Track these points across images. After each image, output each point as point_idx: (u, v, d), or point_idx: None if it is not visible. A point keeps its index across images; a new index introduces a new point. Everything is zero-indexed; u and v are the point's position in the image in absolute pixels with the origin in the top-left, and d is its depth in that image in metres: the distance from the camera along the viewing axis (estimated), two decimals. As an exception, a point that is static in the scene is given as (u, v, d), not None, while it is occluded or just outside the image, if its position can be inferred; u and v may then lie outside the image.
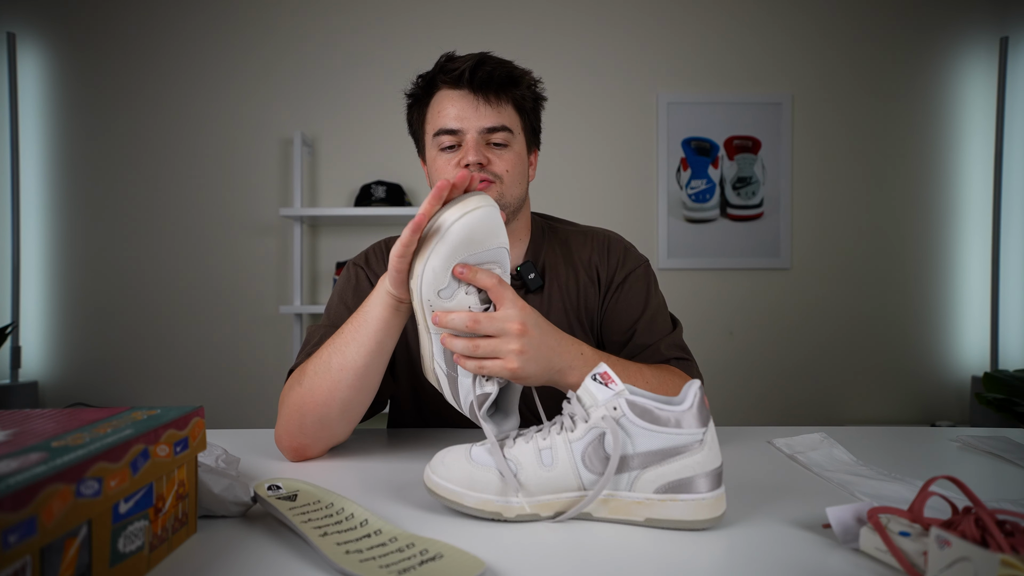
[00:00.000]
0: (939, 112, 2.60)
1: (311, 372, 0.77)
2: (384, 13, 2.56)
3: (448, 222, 0.62)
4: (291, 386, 0.79)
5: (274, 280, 2.56)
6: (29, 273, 2.50)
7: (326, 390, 0.75)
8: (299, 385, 0.77)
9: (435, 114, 0.90)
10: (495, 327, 0.65)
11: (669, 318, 0.97)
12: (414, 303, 0.67)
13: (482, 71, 0.87)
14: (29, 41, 2.52)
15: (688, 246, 2.59)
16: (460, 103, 0.88)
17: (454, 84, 0.88)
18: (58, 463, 0.39)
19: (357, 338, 0.74)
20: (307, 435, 0.76)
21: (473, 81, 0.87)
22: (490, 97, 0.88)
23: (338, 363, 0.75)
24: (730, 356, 2.55)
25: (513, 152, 0.90)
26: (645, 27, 2.59)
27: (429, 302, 0.65)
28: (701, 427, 0.55)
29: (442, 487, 0.58)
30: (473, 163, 0.86)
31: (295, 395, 0.77)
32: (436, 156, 0.90)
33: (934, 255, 2.60)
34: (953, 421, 2.56)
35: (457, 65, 0.88)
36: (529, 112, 0.94)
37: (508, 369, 0.66)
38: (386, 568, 0.46)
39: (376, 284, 0.76)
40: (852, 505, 0.51)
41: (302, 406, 0.76)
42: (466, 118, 0.87)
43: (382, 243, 1.03)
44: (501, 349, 0.65)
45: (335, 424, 0.77)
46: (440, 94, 0.90)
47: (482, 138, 0.88)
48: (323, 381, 0.75)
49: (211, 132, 2.55)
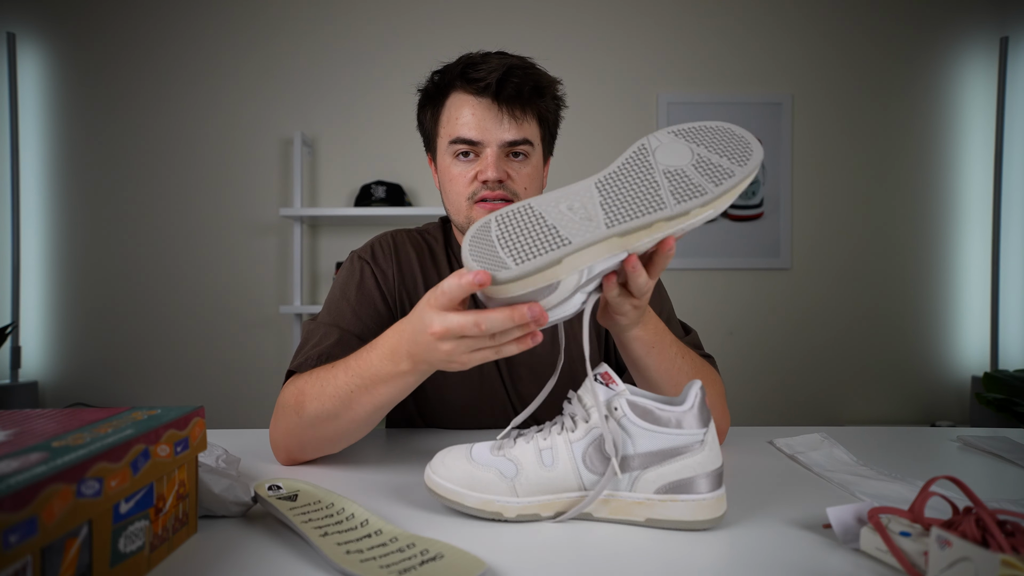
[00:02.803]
0: (939, 112, 2.60)
1: (314, 414, 0.70)
2: (384, 13, 2.56)
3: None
4: (289, 408, 0.73)
5: (274, 280, 2.56)
6: (29, 273, 2.50)
7: (330, 434, 0.72)
8: (297, 415, 0.72)
9: (452, 118, 0.85)
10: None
11: (680, 324, 0.96)
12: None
13: (510, 84, 0.82)
14: (29, 41, 2.52)
15: (688, 246, 2.59)
16: (481, 113, 0.83)
17: (477, 92, 0.83)
18: (59, 463, 0.39)
19: (373, 400, 0.67)
20: (305, 454, 0.75)
21: (499, 94, 0.82)
22: (515, 111, 0.83)
23: (348, 418, 0.70)
24: (730, 356, 2.55)
25: (531, 165, 0.87)
26: (645, 27, 2.59)
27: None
28: (702, 427, 0.55)
29: (442, 487, 0.58)
30: (492, 180, 0.82)
31: (294, 424, 0.72)
32: (451, 163, 0.86)
33: (934, 255, 2.60)
34: (953, 421, 2.56)
35: (482, 75, 0.82)
36: (551, 123, 0.91)
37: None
38: (387, 568, 0.46)
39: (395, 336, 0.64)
40: (852, 505, 0.51)
41: (301, 436, 0.73)
42: (488, 130, 0.83)
43: (389, 237, 0.97)
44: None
45: (335, 449, 0.76)
46: (459, 97, 0.85)
47: (502, 151, 0.84)
48: (327, 428, 0.71)
49: (211, 132, 2.55)
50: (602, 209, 0.54)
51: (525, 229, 0.54)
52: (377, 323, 0.88)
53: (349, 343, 0.83)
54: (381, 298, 0.91)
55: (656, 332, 0.72)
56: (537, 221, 0.54)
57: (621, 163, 0.58)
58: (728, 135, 0.59)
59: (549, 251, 0.51)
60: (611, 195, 0.55)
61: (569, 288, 0.54)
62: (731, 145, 0.58)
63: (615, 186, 0.56)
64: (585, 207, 0.55)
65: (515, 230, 0.54)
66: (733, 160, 0.57)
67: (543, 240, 0.52)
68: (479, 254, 0.53)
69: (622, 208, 0.54)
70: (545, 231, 0.53)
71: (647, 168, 0.57)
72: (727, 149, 0.58)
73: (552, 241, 0.52)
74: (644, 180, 0.56)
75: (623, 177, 0.57)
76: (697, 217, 0.55)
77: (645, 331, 0.71)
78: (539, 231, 0.53)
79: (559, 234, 0.52)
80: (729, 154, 0.57)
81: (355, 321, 0.86)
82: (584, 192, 0.56)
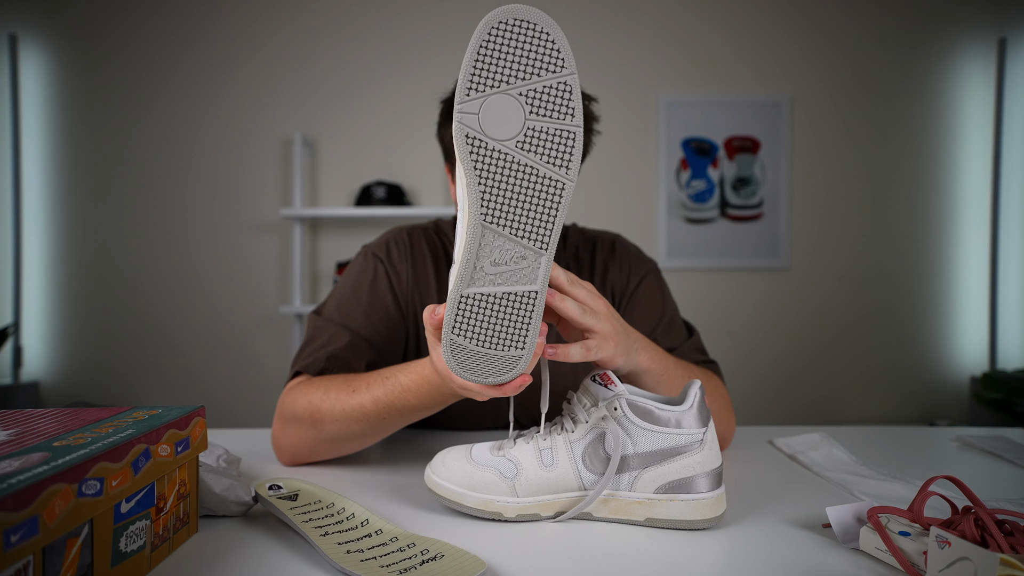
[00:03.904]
0: (938, 112, 2.60)
1: (337, 434, 0.71)
2: (384, 13, 2.56)
3: None
4: (304, 421, 0.72)
5: (274, 280, 2.56)
6: (31, 273, 2.50)
7: (350, 447, 0.74)
8: (315, 430, 0.72)
9: None
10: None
11: (684, 323, 0.94)
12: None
13: None
14: (31, 42, 2.52)
15: (688, 246, 2.59)
16: None
17: None
18: (60, 463, 0.39)
19: (406, 422, 0.70)
20: (314, 459, 0.76)
21: None
22: None
23: (376, 437, 0.73)
24: (730, 356, 2.55)
25: None
26: (645, 27, 2.59)
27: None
28: (701, 427, 0.55)
29: (442, 487, 0.58)
30: None
31: (309, 437, 0.73)
32: None
33: (933, 255, 2.60)
34: (952, 421, 2.56)
35: None
36: (584, 153, 0.86)
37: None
38: (387, 568, 0.46)
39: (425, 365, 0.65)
40: (852, 505, 0.51)
41: (315, 448, 0.74)
42: None
43: (405, 235, 0.93)
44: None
45: (348, 453, 0.77)
46: None
47: None
48: (350, 444, 0.73)
49: (212, 132, 2.55)
50: (519, 240, 0.51)
51: (499, 317, 0.52)
52: (388, 326, 0.86)
53: (359, 346, 0.81)
54: (393, 301, 0.88)
55: (660, 360, 0.69)
56: (498, 302, 0.52)
57: (478, 181, 0.51)
58: (515, 37, 0.52)
59: (530, 316, 0.52)
60: (509, 218, 0.51)
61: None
62: (529, 49, 0.52)
63: (505, 206, 0.51)
64: (503, 251, 0.51)
65: (493, 324, 0.52)
66: (550, 67, 0.52)
67: (518, 312, 0.52)
68: (489, 369, 0.53)
69: (531, 222, 0.51)
70: (512, 303, 0.52)
71: (502, 158, 0.51)
72: (531, 59, 0.52)
73: (525, 306, 0.51)
74: (515, 174, 0.51)
75: (499, 191, 0.51)
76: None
77: (652, 362, 0.67)
78: (509, 308, 0.52)
79: (519, 295, 0.51)
80: (537, 63, 0.52)
81: (366, 324, 0.84)
82: (482, 239, 0.51)
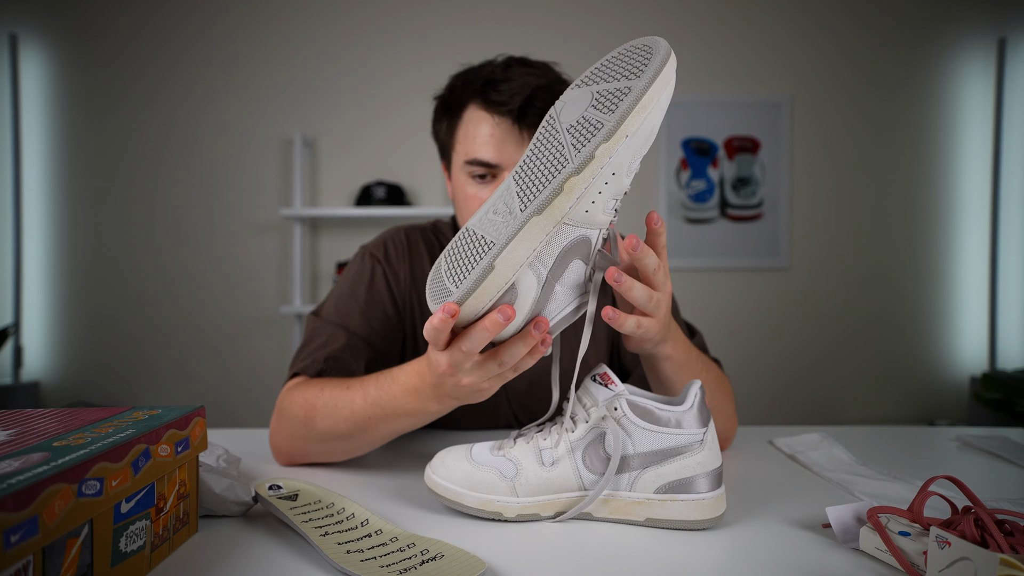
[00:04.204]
0: (937, 113, 2.60)
1: (325, 432, 0.70)
2: (384, 13, 2.56)
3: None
4: (297, 419, 0.72)
5: (274, 280, 2.56)
6: (31, 273, 2.50)
7: (340, 449, 0.72)
8: (305, 428, 0.71)
9: (470, 136, 0.81)
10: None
11: (685, 324, 0.93)
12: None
13: (533, 109, 0.78)
14: (31, 42, 2.52)
15: (688, 246, 2.59)
16: (501, 134, 0.79)
17: (497, 112, 0.80)
18: (60, 463, 0.39)
19: (394, 428, 0.68)
20: (307, 460, 0.75)
21: (522, 118, 0.79)
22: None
23: (363, 440, 0.70)
24: (730, 356, 2.55)
25: None
26: (645, 27, 2.59)
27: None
28: (701, 427, 0.55)
29: (442, 487, 0.58)
30: None
31: (301, 436, 0.72)
32: (466, 182, 0.83)
33: (933, 255, 2.61)
34: (952, 421, 2.56)
35: (504, 98, 0.78)
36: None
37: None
38: (387, 568, 0.46)
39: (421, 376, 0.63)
40: (852, 505, 0.51)
41: (307, 448, 0.73)
42: (506, 153, 0.79)
43: (402, 235, 0.93)
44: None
45: (341, 459, 0.76)
46: (477, 113, 0.81)
47: None
48: (338, 445, 0.71)
49: (212, 132, 2.55)
50: (518, 197, 0.52)
51: (462, 251, 0.53)
52: (385, 327, 0.86)
53: (356, 347, 0.81)
54: (391, 301, 0.88)
55: (684, 350, 0.69)
56: (471, 239, 0.53)
57: (531, 144, 0.55)
58: (629, 54, 0.52)
59: (479, 260, 0.51)
60: (524, 179, 0.53)
61: (532, 288, 0.52)
62: (629, 63, 0.51)
63: (528, 169, 0.53)
64: (507, 203, 0.53)
65: (456, 256, 0.54)
66: (629, 76, 0.50)
67: (474, 254, 0.52)
68: (435, 294, 0.54)
69: (532, 186, 0.52)
70: (476, 245, 0.52)
71: (553, 134, 0.53)
72: (624, 69, 0.51)
73: (481, 251, 0.52)
74: (550, 147, 0.52)
75: (534, 156, 0.53)
76: (612, 156, 0.49)
77: (675, 350, 0.67)
78: (472, 247, 0.53)
79: (486, 241, 0.52)
80: (625, 72, 0.51)
81: (363, 324, 0.84)
82: (505, 189, 0.54)
